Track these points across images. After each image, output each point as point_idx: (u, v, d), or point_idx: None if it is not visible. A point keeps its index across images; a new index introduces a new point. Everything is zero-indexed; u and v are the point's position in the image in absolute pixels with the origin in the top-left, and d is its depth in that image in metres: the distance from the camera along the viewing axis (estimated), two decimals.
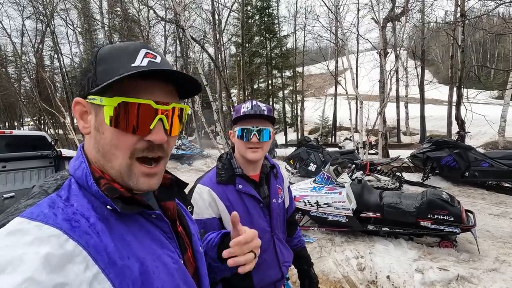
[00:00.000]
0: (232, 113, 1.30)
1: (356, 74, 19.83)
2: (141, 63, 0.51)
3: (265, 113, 1.18)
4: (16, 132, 5.08)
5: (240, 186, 1.19)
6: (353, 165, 4.43)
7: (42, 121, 25.27)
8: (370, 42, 9.88)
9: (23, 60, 21.33)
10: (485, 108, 13.08)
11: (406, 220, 3.63)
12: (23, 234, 0.39)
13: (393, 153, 10.14)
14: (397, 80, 18.64)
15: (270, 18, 23.73)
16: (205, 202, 1.14)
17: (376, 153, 11.21)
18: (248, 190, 1.20)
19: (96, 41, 23.13)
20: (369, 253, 3.42)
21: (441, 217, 3.44)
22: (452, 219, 3.39)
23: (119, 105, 0.49)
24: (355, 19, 16.58)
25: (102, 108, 0.50)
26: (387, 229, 3.76)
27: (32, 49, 20.79)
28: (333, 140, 21.08)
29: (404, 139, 19.18)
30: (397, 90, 18.51)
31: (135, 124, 0.50)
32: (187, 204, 0.73)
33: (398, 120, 18.98)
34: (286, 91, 26.09)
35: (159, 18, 13.42)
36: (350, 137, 12.90)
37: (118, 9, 20.37)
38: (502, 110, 11.09)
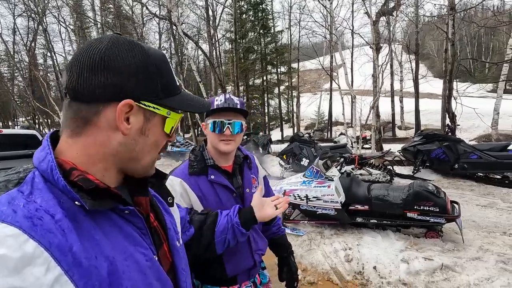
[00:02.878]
0: None
1: (352, 69, 19.86)
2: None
3: (238, 106, 1.21)
4: (6, 130, 5.05)
5: (212, 177, 1.21)
6: (342, 159, 4.46)
7: (36, 120, 25.10)
8: (362, 37, 9.91)
9: (15, 59, 21.08)
10: (479, 102, 13.18)
11: (393, 212, 3.67)
12: None
13: (387, 147, 10.21)
14: (392, 74, 18.67)
15: (264, 14, 23.56)
16: (176, 194, 1.16)
17: (370, 147, 11.27)
18: (221, 180, 1.22)
19: (89, 39, 22.87)
20: (357, 245, 3.47)
21: (427, 208, 3.49)
22: (438, 210, 3.44)
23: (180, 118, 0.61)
24: (349, 14, 16.54)
25: (160, 117, 0.56)
26: (375, 221, 3.81)
27: (25, 48, 20.61)
28: (328, 135, 21.12)
29: (399, 133, 19.26)
30: (391, 85, 18.55)
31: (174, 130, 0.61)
32: (168, 195, 0.71)
33: (393, 115, 19.05)
34: (281, 87, 26.01)
35: (152, 15, 13.31)
36: (345, 131, 12.96)
37: (111, 6, 20.15)
38: (495, 103, 11.17)
